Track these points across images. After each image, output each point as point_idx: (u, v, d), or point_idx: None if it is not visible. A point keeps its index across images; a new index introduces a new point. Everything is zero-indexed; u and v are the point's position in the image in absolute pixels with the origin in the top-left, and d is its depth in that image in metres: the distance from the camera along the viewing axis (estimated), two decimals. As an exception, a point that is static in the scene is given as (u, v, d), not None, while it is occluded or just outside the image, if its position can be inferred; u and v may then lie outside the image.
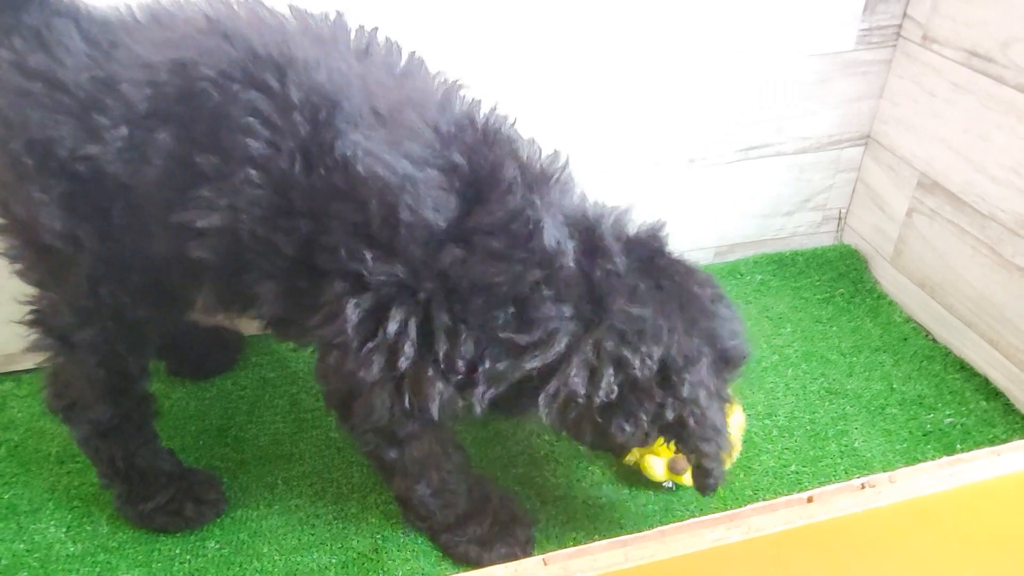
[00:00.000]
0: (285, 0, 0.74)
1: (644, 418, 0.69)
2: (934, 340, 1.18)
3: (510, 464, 0.99)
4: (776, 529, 0.45)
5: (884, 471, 0.97)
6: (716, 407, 0.71)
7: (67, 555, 0.87)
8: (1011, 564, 0.55)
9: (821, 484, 0.95)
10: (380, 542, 0.89)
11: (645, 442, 0.75)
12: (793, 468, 0.98)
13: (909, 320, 1.22)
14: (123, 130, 0.67)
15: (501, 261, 0.64)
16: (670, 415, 0.69)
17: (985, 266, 1.08)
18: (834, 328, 1.20)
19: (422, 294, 0.65)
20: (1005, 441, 1.01)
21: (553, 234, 0.66)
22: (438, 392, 0.68)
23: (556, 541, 0.90)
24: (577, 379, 0.68)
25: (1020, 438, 1.02)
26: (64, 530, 0.90)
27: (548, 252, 0.66)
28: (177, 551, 0.88)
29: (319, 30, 0.71)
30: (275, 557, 0.87)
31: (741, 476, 0.97)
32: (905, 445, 1.01)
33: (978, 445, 1.00)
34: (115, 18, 0.71)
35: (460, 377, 0.68)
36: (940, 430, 1.03)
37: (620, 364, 0.68)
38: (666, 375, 0.69)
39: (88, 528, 0.90)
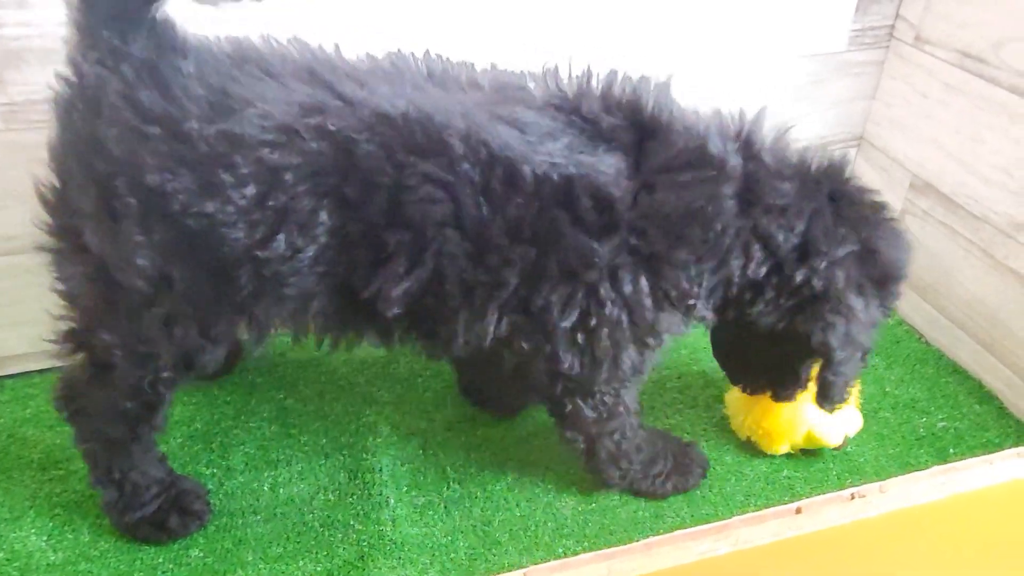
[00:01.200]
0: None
1: (773, 295, 0.75)
2: (927, 343, 1.17)
3: (499, 470, 0.97)
4: (765, 541, 0.44)
5: (876, 476, 0.96)
6: (858, 303, 0.74)
7: (48, 564, 0.86)
8: (1004, 573, 0.54)
9: (813, 489, 0.95)
10: (366, 550, 0.87)
11: (776, 325, 0.78)
12: (785, 473, 0.97)
13: (902, 322, 1.21)
14: (251, 189, 0.64)
15: (696, 186, 0.70)
16: (805, 291, 0.74)
17: (978, 268, 1.07)
18: (827, 331, 1.19)
19: (645, 248, 0.70)
20: (999, 445, 1.01)
21: (716, 141, 0.71)
22: (668, 326, 0.75)
23: (546, 548, 0.88)
24: (735, 261, 0.73)
25: (1013, 442, 1.01)
26: (45, 538, 0.88)
27: (720, 160, 0.70)
28: (160, 560, 0.86)
29: (387, 68, 0.72)
30: (259, 566, 0.86)
31: (733, 481, 0.96)
32: (898, 450, 1.00)
33: (971, 449, 1.00)
34: (222, 59, 0.67)
35: (690, 302, 0.74)
36: (933, 434, 1.02)
37: (767, 239, 0.73)
38: (805, 251, 0.73)
39: (70, 536, 0.88)
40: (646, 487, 0.92)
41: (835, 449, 0.97)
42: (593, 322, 0.72)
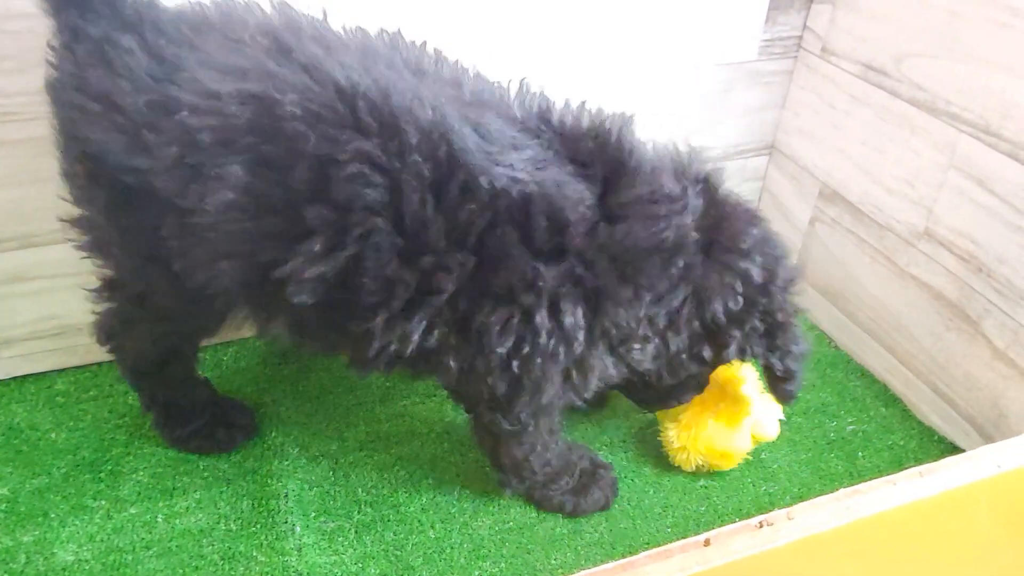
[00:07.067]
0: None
1: (751, 327, 0.77)
2: (836, 347, 1.20)
3: (414, 490, 0.94)
4: (672, 578, 0.42)
5: (789, 481, 0.97)
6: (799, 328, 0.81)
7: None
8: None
9: (729, 497, 0.95)
10: (270, 583, 0.82)
11: (742, 355, 0.79)
12: (702, 482, 0.97)
13: (813, 327, 1.24)
14: (174, 149, 0.65)
15: (660, 219, 0.68)
16: (772, 318, 0.77)
17: (882, 275, 1.10)
18: (742, 337, 1.20)
19: (591, 281, 0.68)
20: (904, 447, 1.04)
21: (671, 177, 0.71)
22: (601, 365, 0.73)
23: (461, 571, 0.85)
24: (717, 304, 0.73)
25: (917, 443, 1.04)
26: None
27: (677, 195, 0.70)
28: (38, 605, 0.79)
29: (378, 47, 0.71)
30: (152, 606, 0.80)
31: (651, 493, 0.95)
32: (810, 454, 1.02)
33: (878, 452, 1.02)
34: (185, 25, 0.69)
35: (633, 345, 0.73)
36: (843, 438, 1.04)
37: (746, 277, 0.74)
38: (767, 281, 0.75)
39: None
40: (539, 496, 0.91)
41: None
42: (526, 350, 0.69)
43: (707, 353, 0.78)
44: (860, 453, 1.02)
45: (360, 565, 0.85)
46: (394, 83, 0.65)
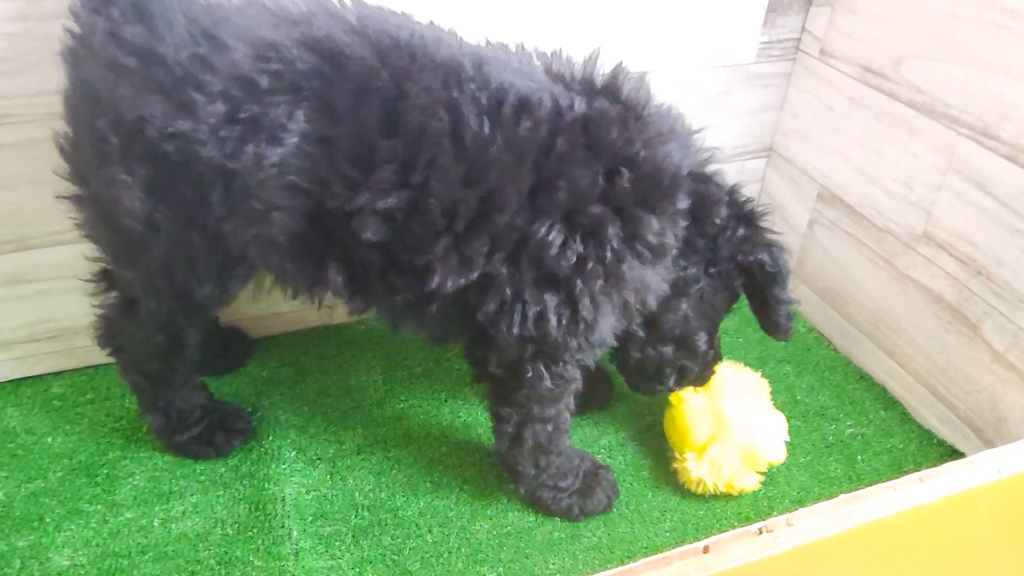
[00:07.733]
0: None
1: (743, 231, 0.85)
2: (835, 350, 1.20)
3: (411, 494, 0.93)
4: (670, 585, 0.42)
5: (788, 484, 0.97)
6: None
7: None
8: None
9: (728, 501, 0.95)
10: (267, 588, 0.82)
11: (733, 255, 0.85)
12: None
13: (812, 330, 1.24)
14: (220, 106, 0.66)
15: (678, 150, 0.75)
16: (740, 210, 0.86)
17: (881, 278, 1.10)
18: (740, 339, 1.20)
19: (649, 196, 0.72)
20: (903, 450, 1.04)
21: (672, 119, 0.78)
22: (656, 282, 0.77)
23: (459, 576, 0.85)
24: (716, 216, 0.83)
25: (916, 447, 1.04)
26: None
27: (679, 132, 0.78)
28: (33, 610, 0.79)
29: (385, 13, 0.74)
30: (148, 611, 0.79)
31: (649, 496, 0.95)
32: (809, 458, 1.01)
33: (877, 455, 1.02)
34: (215, 3, 0.70)
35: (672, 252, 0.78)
36: (842, 441, 1.04)
37: (721, 188, 0.85)
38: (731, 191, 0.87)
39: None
40: (547, 497, 0.90)
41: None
42: (591, 265, 0.70)
43: (707, 260, 0.84)
44: (859, 456, 1.02)
45: (357, 570, 0.84)
46: (435, 34, 0.72)
